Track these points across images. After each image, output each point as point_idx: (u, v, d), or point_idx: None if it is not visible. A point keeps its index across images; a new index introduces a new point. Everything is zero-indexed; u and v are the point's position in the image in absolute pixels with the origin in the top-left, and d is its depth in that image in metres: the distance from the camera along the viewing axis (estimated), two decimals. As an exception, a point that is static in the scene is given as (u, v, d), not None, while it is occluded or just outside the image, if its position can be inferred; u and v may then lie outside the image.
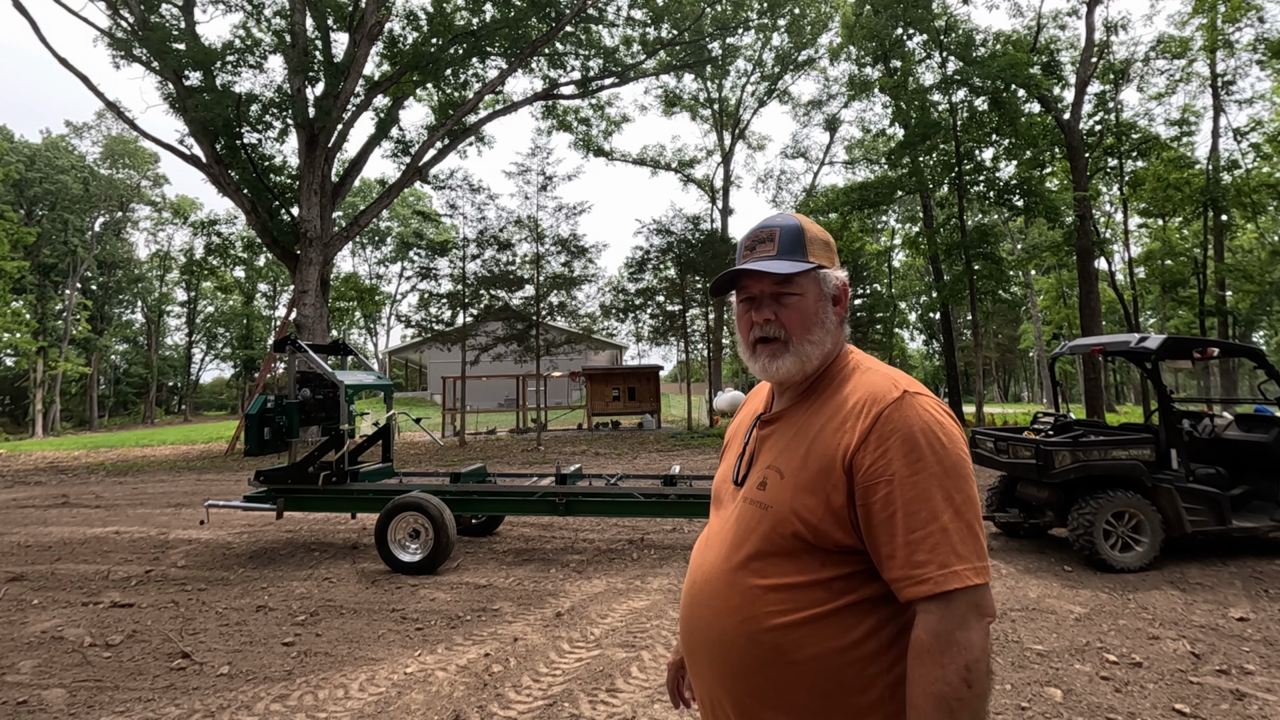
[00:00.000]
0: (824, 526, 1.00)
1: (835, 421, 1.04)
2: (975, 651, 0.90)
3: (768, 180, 38.32)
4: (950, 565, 0.92)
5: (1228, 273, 21.08)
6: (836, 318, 1.16)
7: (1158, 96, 20.33)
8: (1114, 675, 3.36)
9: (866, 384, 1.06)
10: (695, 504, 5.56)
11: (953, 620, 0.91)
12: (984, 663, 0.91)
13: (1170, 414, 5.26)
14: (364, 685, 3.36)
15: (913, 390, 1.02)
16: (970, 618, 0.92)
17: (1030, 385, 60.04)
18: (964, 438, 1.02)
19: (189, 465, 13.76)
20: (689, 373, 22.18)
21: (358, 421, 6.26)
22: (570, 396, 30.72)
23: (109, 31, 15.93)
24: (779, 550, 1.04)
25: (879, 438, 0.98)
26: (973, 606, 0.92)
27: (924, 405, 1.00)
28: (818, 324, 1.13)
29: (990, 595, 0.95)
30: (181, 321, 55.11)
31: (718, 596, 1.09)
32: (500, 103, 21.24)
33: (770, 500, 1.07)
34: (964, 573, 0.92)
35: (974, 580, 0.92)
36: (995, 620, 0.94)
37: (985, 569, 0.94)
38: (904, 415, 0.99)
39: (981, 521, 0.97)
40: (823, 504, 1.00)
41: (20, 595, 4.89)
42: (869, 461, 0.98)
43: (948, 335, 21.74)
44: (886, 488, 0.96)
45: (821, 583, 1.01)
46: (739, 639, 1.04)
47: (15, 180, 36.12)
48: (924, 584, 0.92)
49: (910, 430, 0.97)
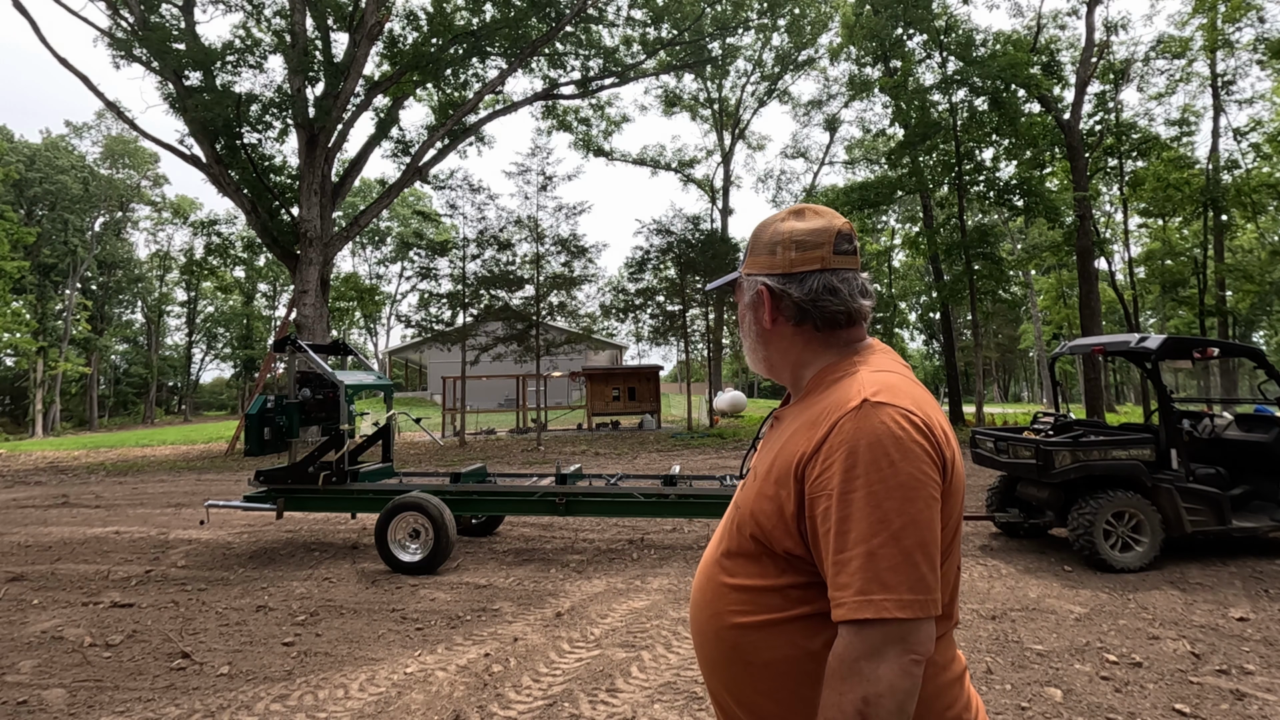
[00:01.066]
0: (775, 533, 0.98)
1: (804, 427, 1.00)
2: (880, 686, 0.83)
3: (768, 180, 38.40)
4: (869, 594, 0.84)
5: (1228, 273, 21.08)
6: (762, 324, 1.13)
7: (1158, 96, 20.34)
8: (1114, 675, 3.36)
9: (841, 389, 1.00)
10: (695, 504, 5.57)
11: (860, 648, 0.85)
12: (890, 700, 0.83)
13: (1170, 414, 5.26)
14: (364, 685, 3.36)
15: (877, 399, 0.93)
16: (886, 650, 0.84)
17: (1030, 385, 60.04)
18: (933, 455, 0.91)
19: (189, 465, 13.76)
20: (689, 373, 22.15)
21: (358, 421, 6.26)
22: (570, 396, 30.72)
23: (109, 31, 15.93)
24: (743, 551, 1.04)
25: (829, 448, 0.92)
26: (894, 639, 0.84)
27: (884, 416, 0.91)
28: (747, 332, 1.17)
29: (923, 631, 0.86)
30: (181, 321, 55.17)
31: (700, 589, 1.12)
32: (500, 103, 21.24)
33: (741, 500, 1.08)
34: (882, 603, 0.84)
35: (894, 614, 0.84)
36: (923, 659, 0.86)
37: (915, 602, 0.85)
38: (856, 426, 0.91)
39: (929, 549, 0.87)
40: (776, 510, 0.98)
41: (20, 595, 4.89)
42: (817, 472, 0.93)
43: (948, 335, 21.74)
44: (826, 502, 0.90)
45: (779, 589, 0.99)
46: (709, 633, 1.07)
47: (15, 180, 36.12)
48: (840, 607, 0.87)
49: (856, 443, 0.90)
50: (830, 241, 1.09)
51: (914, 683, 0.85)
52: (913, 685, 0.85)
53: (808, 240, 1.10)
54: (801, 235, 1.10)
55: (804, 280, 1.09)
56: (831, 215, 1.13)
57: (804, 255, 1.09)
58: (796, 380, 1.14)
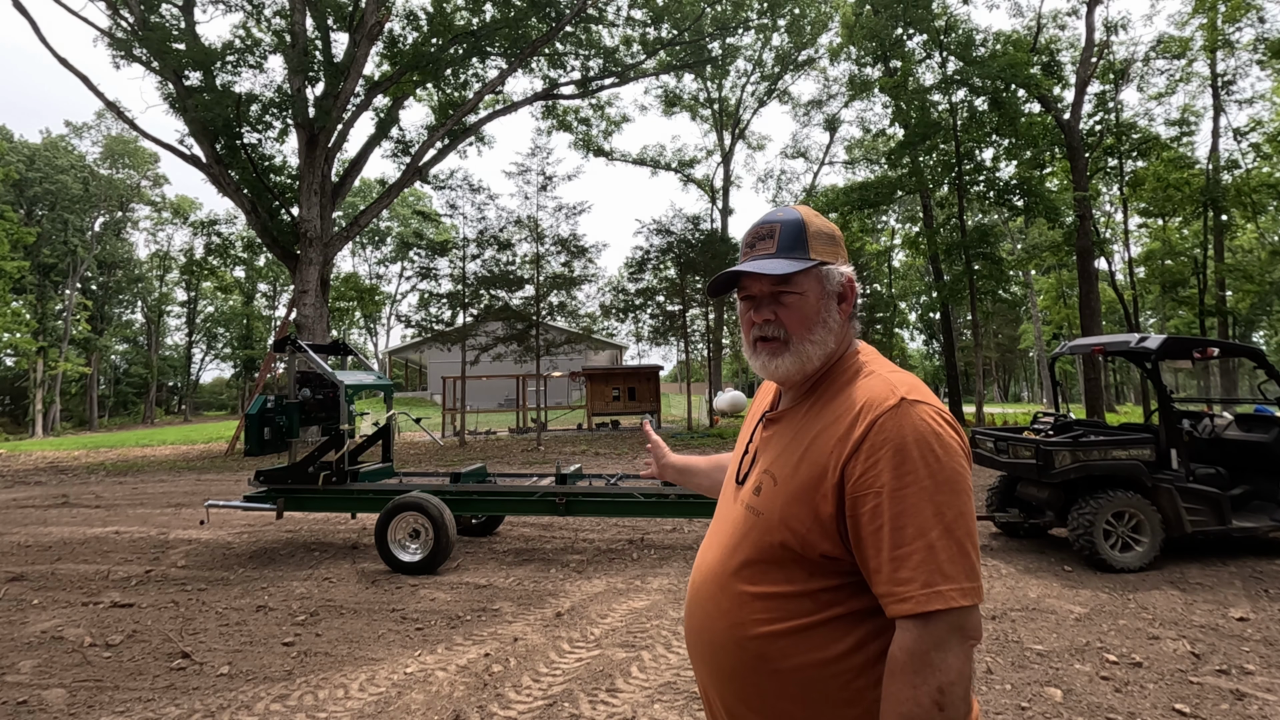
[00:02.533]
0: (811, 537, 0.98)
1: (831, 427, 1.00)
2: (951, 674, 0.87)
3: (768, 180, 38.37)
4: (935, 585, 0.88)
5: (1228, 273, 21.08)
6: (842, 316, 1.11)
7: (1158, 96, 20.34)
8: (1114, 675, 3.36)
9: (866, 389, 1.01)
10: (695, 504, 5.56)
11: (930, 640, 0.88)
12: (960, 687, 0.87)
13: (1170, 414, 5.26)
14: (364, 685, 3.36)
15: (912, 397, 0.97)
16: (950, 639, 0.88)
17: (1030, 385, 60.03)
18: (965, 450, 0.97)
19: (189, 465, 13.76)
20: (689, 373, 22.13)
21: (358, 421, 6.26)
22: (570, 396, 30.72)
23: (109, 31, 15.93)
24: (768, 559, 1.02)
25: (871, 447, 0.94)
26: (955, 628, 0.88)
27: (922, 414, 0.95)
28: (819, 323, 1.09)
29: (977, 618, 0.91)
30: (181, 321, 55.14)
31: (711, 599, 1.09)
32: (500, 103, 21.25)
33: (763, 507, 1.05)
34: (949, 593, 0.88)
35: (959, 602, 0.88)
36: (978, 643, 0.91)
37: (973, 590, 0.89)
38: (899, 424, 0.94)
39: (975, 539, 0.92)
40: (811, 514, 0.98)
41: (20, 595, 4.89)
42: (859, 471, 0.94)
43: (948, 335, 21.74)
44: (875, 500, 0.92)
45: (809, 594, 0.99)
46: (727, 643, 1.04)
47: (15, 180, 36.11)
48: (906, 602, 0.89)
49: (903, 440, 0.92)
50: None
51: (972, 668, 0.90)
52: (972, 670, 0.90)
53: (837, 235, 1.15)
54: (833, 230, 1.14)
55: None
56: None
57: (842, 249, 1.15)
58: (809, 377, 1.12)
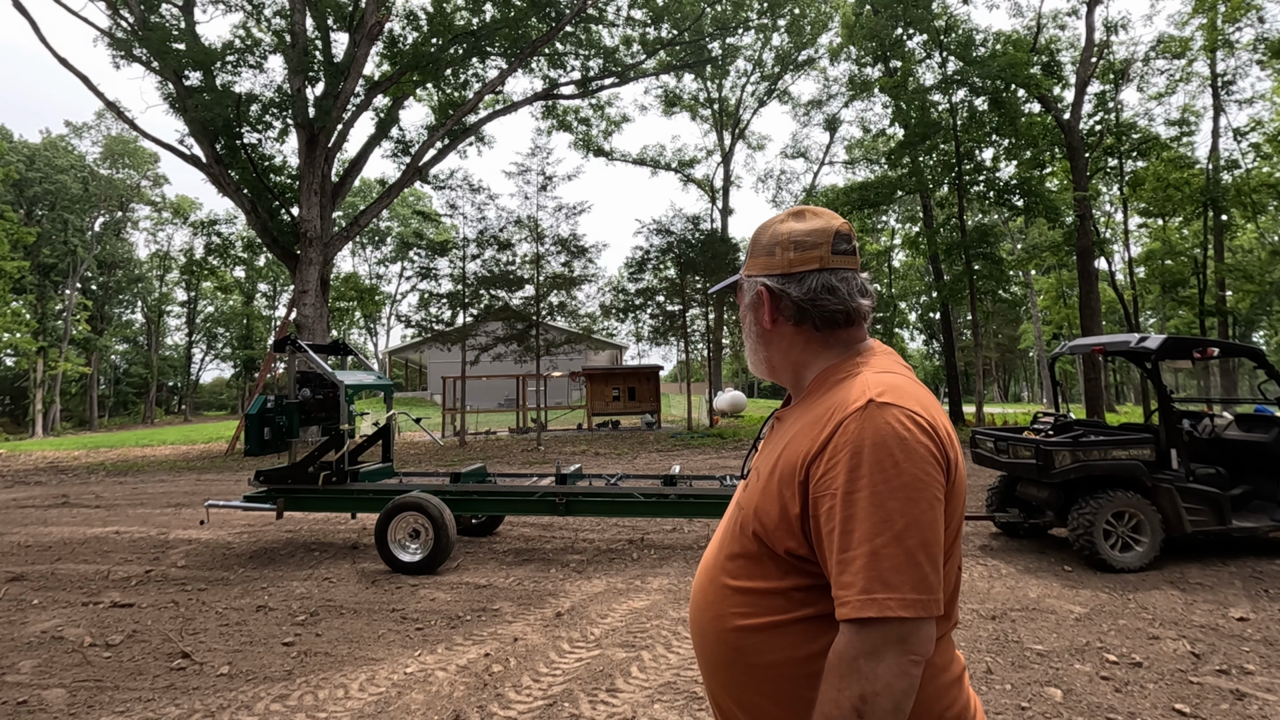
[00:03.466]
0: (777, 534, 0.98)
1: (807, 428, 1.01)
2: (878, 684, 0.84)
3: (768, 180, 38.41)
4: (872, 592, 0.85)
5: (1228, 273, 21.09)
6: (762, 325, 1.14)
7: (1158, 96, 20.34)
8: (1114, 675, 3.36)
9: (843, 390, 1.01)
10: (695, 504, 5.56)
11: (861, 647, 0.86)
12: (886, 699, 0.84)
13: (1170, 414, 5.26)
14: (364, 685, 3.36)
15: (883, 400, 0.94)
16: (885, 650, 0.85)
17: (1030, 385, 60.03)
18: (938, 456, 0.92)
19: (189, 465, 13.76)
20: (689, 373, 22.14)
21: (358, 421, 6.26)
22: (570, 396, 30.73)
23: (109, 31, 15.93)
24: (746, 553, 1.04)
25: (834, 448, 0.93)
26: (893, 640, 0.85)
27: (889, 417, 0.92)
28: (749, 334, 1.17)
29: (927, 632, 0.87)
30: (181, 321, 55.17)
31: (701, 590, 1.12)
32: (500, 103, 21.24)
33: (745, 502, 1.07)
34: (886, 602, 0.85)
35: (897, 613, 0.84)
36: (922, 659, 0.87)
37: (919, 603, 0.85)
38: (860, 426, 0.92)
39: (931, 550, 0.88)
40: (779, 511, 0.98)
41: (20, 595, 4.89)
42: (821, 472, 0.93)
43: (948, 335, 21.74)
44: (830, 501, 0.91)
45: (782, 591, 0.99)
46: (710, 634, 1.07)
47: (15, 180, 36.12)
48: (844, 606, 0.87)
49: (861, 443, 0.90)
50: (828, 241, 1.10)
51: (911, 683, 0.86)
52: (910, 685, 0.86)
53: (806, 240, 1.10)
54: (800, 235, 1.11)
55: (803, 280, 1.09)
56: (830, 216, 1.13)
57: (802, 255, 1.10)
58: (798, 381, 1.14)
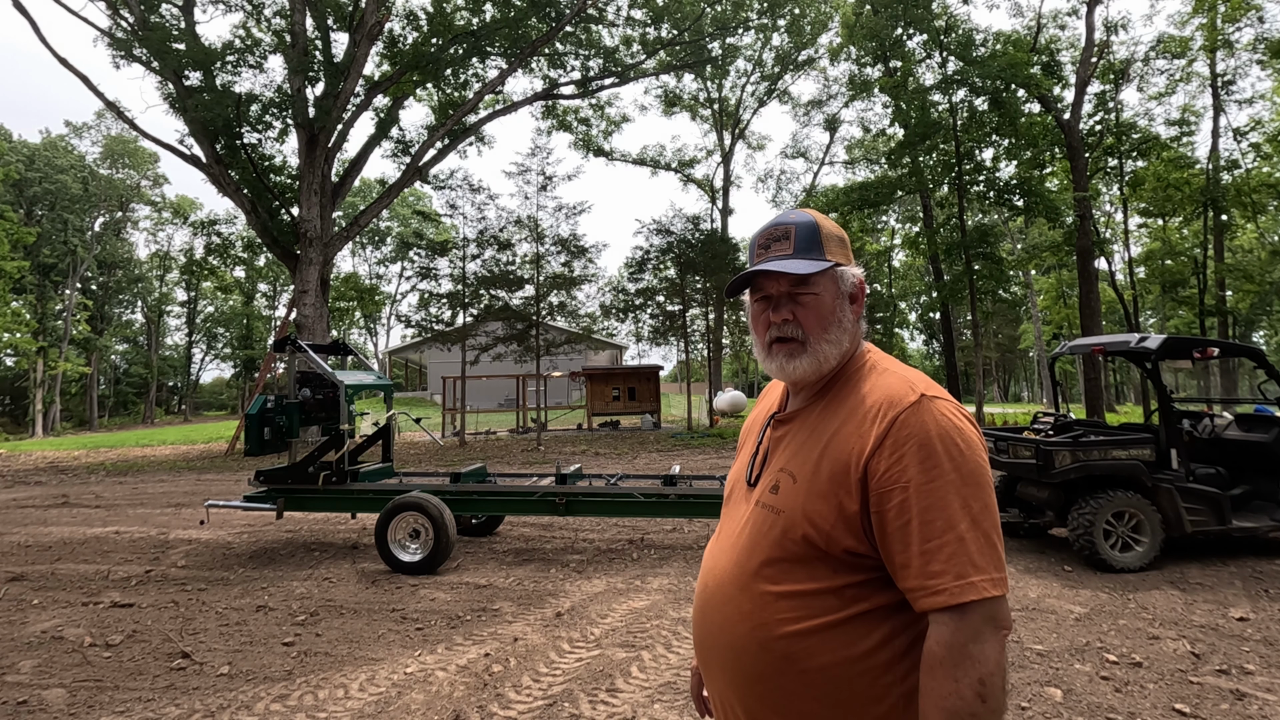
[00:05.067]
0: (835, 533, 0.98)
1: (850, 425, 1.02)
2: (990, 665, 0.88)
3: (768, 180, 38.38)
4: (967, 576, 0.89)
5: (1228, 273, 21.08)
6: (854, 316, 1.14)
7: (1158, 96, 20.33)
8: (1114, 675, 3.36)
9: (883, 386, 1.03)
10: (695, 504, 5.56)
11: (966, 633, 0.88)
12: (999, 677, 0.88)
13: (1170, 414, 5.26)
14: (364, 685, 3.36)
15: (930, 394, 0.99)
16: (985, 631, 0.89)
17: (1030, 385, 60.01)
18: (983, 444, 0.99)
19: (189, 465, 13.76)
20: (689, 373, 22.15)
21: (358, 421, 6.26)
22: (570, 396, 30.72)
23: (109, 31, 15.93)
24: (790, 556, 1.02)
25: (894, 443, 0.95)
26: (988, 619, 0.89)
27: (942, 410, 0.97)
28: (835, 323, 1.11)
29: (1006, 607, 0.92)
30: (181, 321, 55.12)
31: (730, 602, 1.08)
32: (500, 103, 21.24)
33: (782, 505, 1.05)
34: (981, 584, 0.89)
35: (991, 592, 0.89)
36: (1010, 632, 0.91)
37: (1003, 580, 0.91)
38: (921, 420, 0.96)
39: (999, 531, 0.94)
40: (835, 510, 0.98)
41: (20, 595, 4.89)
42: (884, 467, 0.95)
43: (948, 335, 21.74)
44: (901, 495, 0.93)
45: (833, 590, 0.99)
46: (750, 646, 1.03)
47: (15, 180, 36.13)
48: (939, 595, 0.90)
49: (927, 435, 0.94)
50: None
51: (1006, 658, 0.92)
52: (1006, 660, 0.92)
53: (846, 239, 1.18)
54: (842, 233, 1.17)
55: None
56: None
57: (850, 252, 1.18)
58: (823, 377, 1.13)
